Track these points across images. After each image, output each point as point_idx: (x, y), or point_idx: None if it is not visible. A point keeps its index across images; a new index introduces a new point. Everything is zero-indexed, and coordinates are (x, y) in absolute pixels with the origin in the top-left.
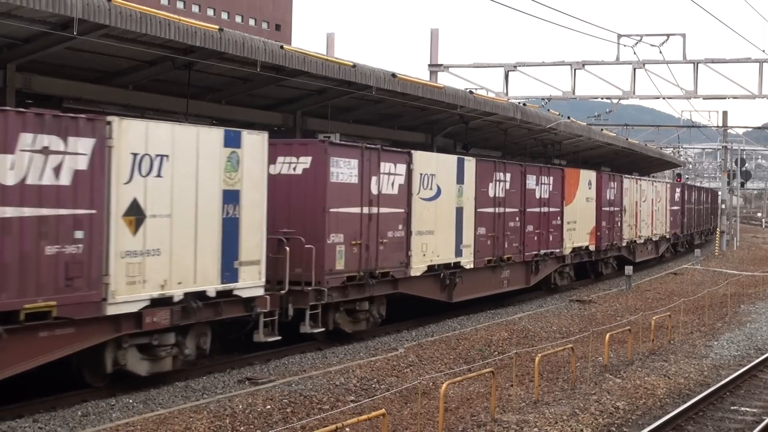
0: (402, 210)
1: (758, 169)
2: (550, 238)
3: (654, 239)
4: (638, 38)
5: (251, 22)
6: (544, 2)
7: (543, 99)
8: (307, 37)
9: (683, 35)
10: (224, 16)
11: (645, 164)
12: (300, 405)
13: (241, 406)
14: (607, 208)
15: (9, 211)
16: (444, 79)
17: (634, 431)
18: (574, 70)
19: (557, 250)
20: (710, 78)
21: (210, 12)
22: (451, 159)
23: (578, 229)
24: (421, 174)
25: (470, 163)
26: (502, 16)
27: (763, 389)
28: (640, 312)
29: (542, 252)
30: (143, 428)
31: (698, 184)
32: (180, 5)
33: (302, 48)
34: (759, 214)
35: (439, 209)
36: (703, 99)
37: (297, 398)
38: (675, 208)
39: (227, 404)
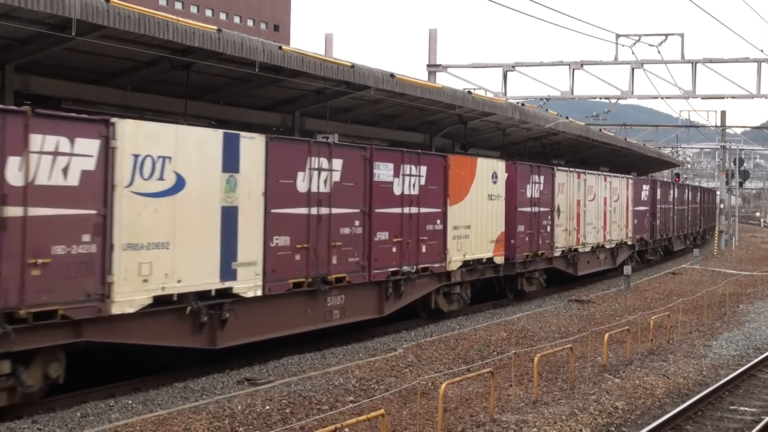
0: (90, 212)
1: (756, 169)
2: (423, 249)
3: (608, 246)
4: (636, 38)
5: (249, 22)
6: (543, 2)
7: (541, 99)
8: (305, 37)
9: (681, 35)
10: (222, 16)
11: (643, 164)
12: (299, 405)
13: (240, 407)
14: (528, 209)
15: None
16: (442, 80)
17: (633, 431)
18: (573, 70)
19: (437, 265)
20: (708, 78)
21: (208, 12)
22: (208, 136)
23: (475, 235)
24: (137, 156)
25: (253, 143)
26: (500, 17)
27: (762, 389)
28: (638, 312)
29: (407, 268)
30: (142, 429)
31: (689, 183)
32: (178, 6)
33: (301, 48)
34: (757, 214)
35: (182, 210)
36: (702, 99)
37: (296, 399)
38: (642, 208)
39: (226, 405)
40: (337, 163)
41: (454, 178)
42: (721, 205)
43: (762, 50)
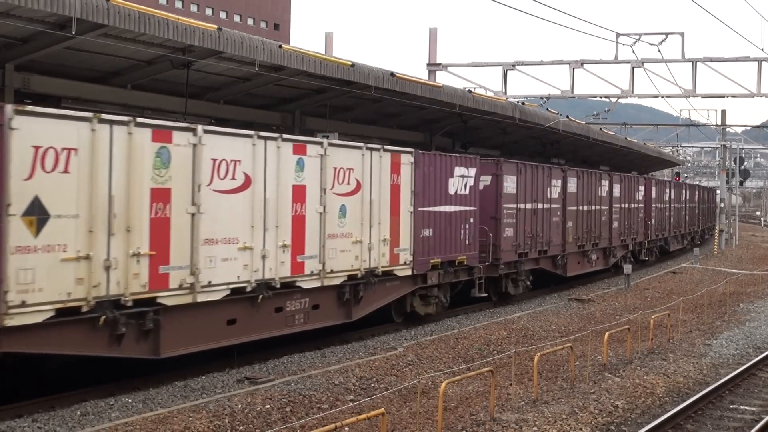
0: None
1: (757, 168)
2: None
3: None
4: (637, 37)
5: (250, 21)
6: (543, 1)
7: (542, 98)
8: (305, 36)
9: (682, 34)
10: (223, 15)
11: (644, 163)
12: (299, 404)
13: (240, 406)
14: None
15: None
16: (443, 78)
17: (634, 430)
18: (573, 69)
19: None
20: (709, 77)
21: (208, 11)
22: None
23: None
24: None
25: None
26: (500, 16)
27: (762, 388)
28: (639, 311)
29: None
30: (142, 428)
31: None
32: (178, 4)
33: (301, 47)
34: (758, 213)
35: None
36: (702, 98)
37: (296, 397)
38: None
39: (226, 403)
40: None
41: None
42: (722, 204)
43: (762, 49)
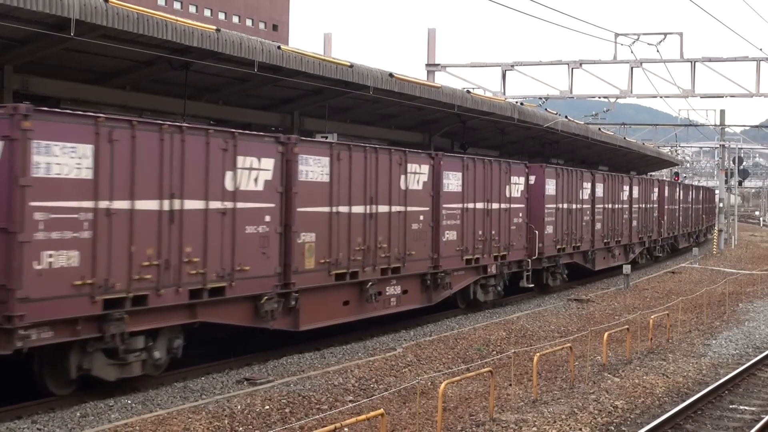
0: None
1: (756, 168)
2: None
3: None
4: (635, 37)
5: (248, 22)
6: (542, 1)
7: (540, 98)
8: (304, 37)
9: (680, 34)
10: (221, 16)
11: (642, 163)
12: (298, 405)
13: (239, 407)
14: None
15: None
16: (441, 79)
17: (633, 430)
18: (572, 69)
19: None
20: (708, 77)
21: (207, 12)
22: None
23: None
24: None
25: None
26: (499, 16)
27: (762, 388)
28: (638, 311)
29: None
30: (142, 429)
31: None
32: (177, 6)
33: (299, 48)
34: (757, 213)
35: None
36: (701, 98)
37: (295, 398)
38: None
39: (226, 405)
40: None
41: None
42: (721, 204)
43: (761, 49)
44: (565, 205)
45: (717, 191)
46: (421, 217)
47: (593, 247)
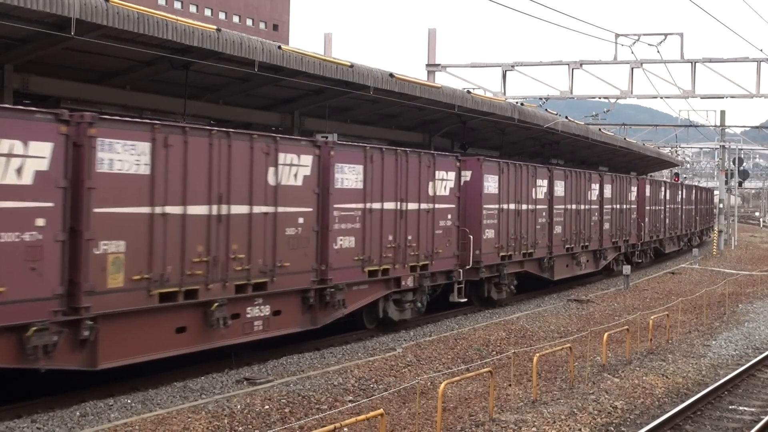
0: None
1: (756, 168)
2: None
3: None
4: (636, 38)
5: (249, 22)
6: (542, 2)
7: (541, 99)
8: (304, 37)
9: (681, 35)
10: (222, 16)
11: (642, 164)
12: (298, 405)
13: (239, 407)
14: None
15: None
16: (442, 79)
17: (633, 431)
18: (572, 69)
19: None
20: (708, 77)
21: (207, 12)
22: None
23: None
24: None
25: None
26: (499, 16)
27: (762, 388)
28: (638, 311)
29: None
30: (141, 428)
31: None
32: (177, 5)
33: (300, 48)
34: (756, 213)
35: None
36: (701, 98)
37: (295, 398)
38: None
39: (225, 404)
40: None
41: None
42: (720, 205)
43: (761, 50)
44: (512, 206)
45: (716, 191)
46: (301, 220)
47: (551, 253)
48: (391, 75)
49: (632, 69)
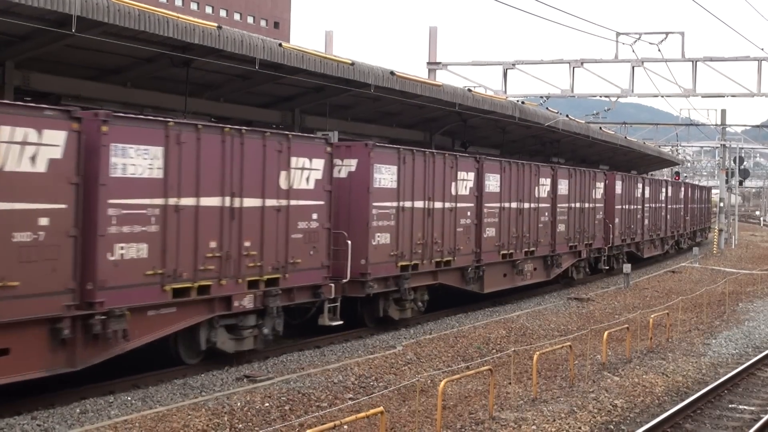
0: None
1: (756, 168)
2: None
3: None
4: (637, 36)
5: (249, 19)
6: (543, 0)
7: (541, 97)
8: (305, 34)
9: (682, 33)
10: (222, 13)
11: (643, 162)
12: (298, 402)
13: (239, 404)
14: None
15: None
16: (442, 77)
17: (633, 429)
18: (573, 68)
19: None
20: (709, 76)
21: (208, 9)
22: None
23: None
24: None
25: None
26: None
27: (761, 387)
28: (638, 310)
29: None
30: (142, 425)
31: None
32: (178, 2)
33: (301, 46)
34: (757, 213)
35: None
36: (702, 97)
37: (295, 396)
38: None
39: (226, 402)
40: None
41: None
42: (721, 204)
43: (763, 49)
44: (418, 204)
45: (716, 190)
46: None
47: (479, 261)
48: (392, 73)
49: (633, 68)
